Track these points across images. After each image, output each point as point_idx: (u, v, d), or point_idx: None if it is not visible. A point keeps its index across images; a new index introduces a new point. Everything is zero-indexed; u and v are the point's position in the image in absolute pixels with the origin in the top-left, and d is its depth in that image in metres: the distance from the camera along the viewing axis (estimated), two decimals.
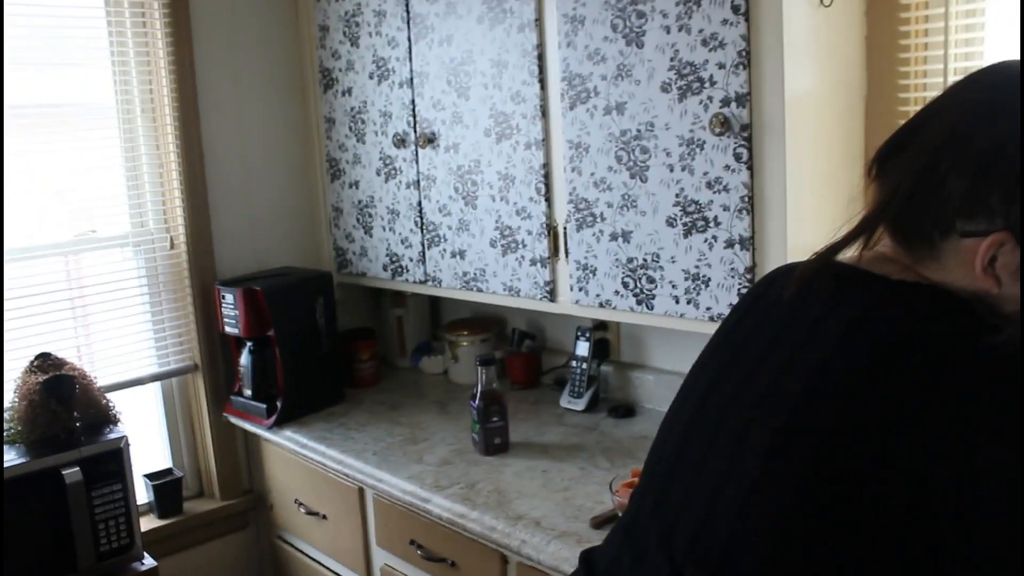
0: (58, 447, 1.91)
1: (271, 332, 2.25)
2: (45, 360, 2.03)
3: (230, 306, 2.26)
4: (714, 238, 1.59)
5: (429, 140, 2.12)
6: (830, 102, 1.62)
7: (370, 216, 2.37)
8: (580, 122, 1.78)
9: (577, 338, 2.18)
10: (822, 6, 1.55)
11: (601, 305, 1.82)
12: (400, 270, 2.32)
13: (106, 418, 2.05)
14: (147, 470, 2.34)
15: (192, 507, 2.40)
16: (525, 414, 2.15)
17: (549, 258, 1.91)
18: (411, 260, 2.27)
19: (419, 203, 2.20)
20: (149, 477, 2.33)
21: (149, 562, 2.03)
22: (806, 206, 1.53)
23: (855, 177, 1.65)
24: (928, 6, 1.61)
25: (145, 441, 2.35)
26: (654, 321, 1.74)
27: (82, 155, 2.20)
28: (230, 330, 2.29)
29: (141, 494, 2.27)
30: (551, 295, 1.93)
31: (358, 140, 2.36)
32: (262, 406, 2.27)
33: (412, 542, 1.86)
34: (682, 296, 1.66)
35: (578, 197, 1.81)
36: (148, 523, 2.28)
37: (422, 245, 2.23)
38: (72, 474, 1.89)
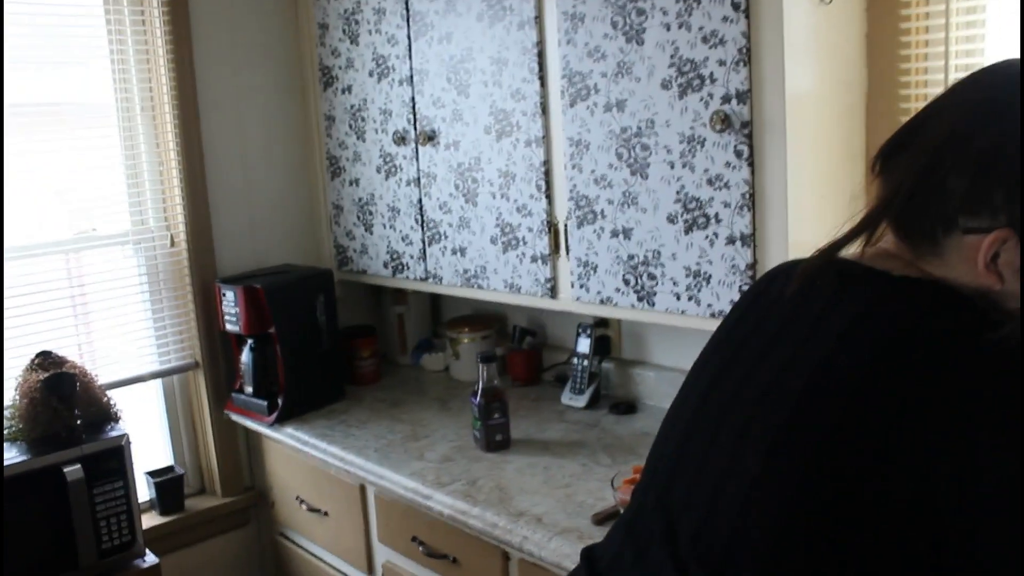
0: (59, 445, 1.91)
1: (272, 329, 2.25)
2: (46, 358, 2.03)
3: (231, 304, 2.26)
4: (715, 235, 1.59)
5: (429, 137, 2.12)
6: (830, 99, 1.62)
7: (370, 213, 2.37)
8: (580, 119, 1.78)
9: (578, 335, 2.18)
10: (822, 3, 1.55)
11: (602, 302, 1.82)
12: (401, 267, 2.32)
13: (107, 416, 2.05)
14: (148, 467, 2.35)
15: (193, 504, 2.41)
16: (526, 411, 2.16)
17: (550, 255, 1.91)
18: (412, 257, 2.27)
19: (419, 200, 2.20)
20: (151, 474, 2.33)
21: (151, 559, 2.03)
22: (807, 203, 1.54)
23: (855, 174, 1.66)
24: (929, 4, 1.61)
25: (146, 439, 2.35)
26: (655, 318, 1.74)
27: (82, 153, 2.20)
28: (231, 328, 2.29)
29: (143, 491, 2.28)
30: (552, 292, 1.93)
31: (358, 138, 2.36)
32: (263, 403, 2.27)
33: (414, 539, 1.86)
34: (683, 293, 1.66)
35: (579, 194, 1.81)
36: (150, 520, 2.28)
37: (423, 242, 2.23)
38: (73, 472, 1.89)
